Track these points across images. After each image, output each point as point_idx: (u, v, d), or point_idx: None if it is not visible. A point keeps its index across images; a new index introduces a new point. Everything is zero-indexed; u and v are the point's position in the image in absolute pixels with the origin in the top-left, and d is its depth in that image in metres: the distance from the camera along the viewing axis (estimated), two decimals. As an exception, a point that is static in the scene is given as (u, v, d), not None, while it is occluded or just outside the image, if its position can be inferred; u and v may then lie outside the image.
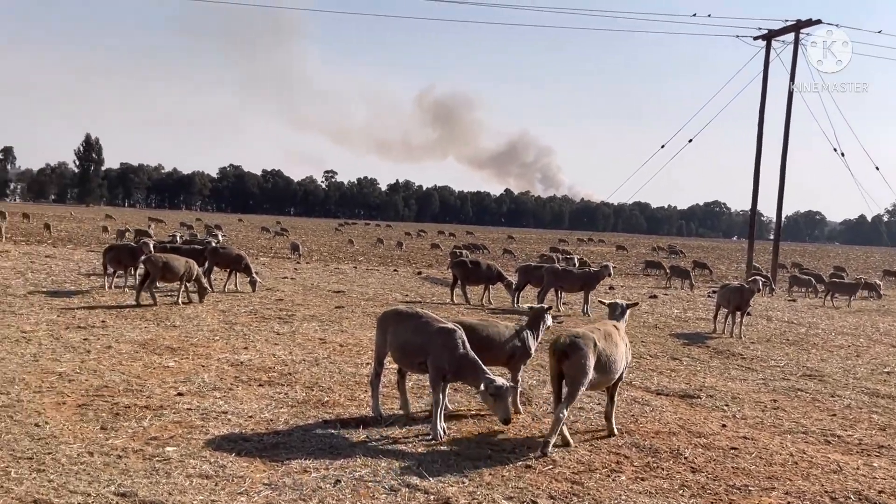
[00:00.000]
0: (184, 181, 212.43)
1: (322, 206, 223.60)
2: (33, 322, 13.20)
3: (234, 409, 8.40)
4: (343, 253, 46.70)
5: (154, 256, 16.70)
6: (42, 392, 8.71)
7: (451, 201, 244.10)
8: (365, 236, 78.99)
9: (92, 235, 48.33)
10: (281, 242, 53.82)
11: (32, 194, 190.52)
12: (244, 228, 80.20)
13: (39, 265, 23.26)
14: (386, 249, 54.99)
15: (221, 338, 12.80)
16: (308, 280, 24.53)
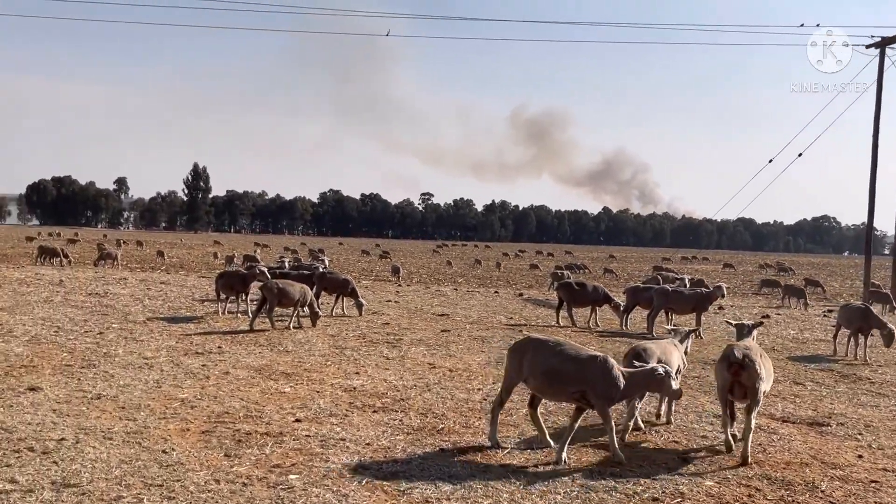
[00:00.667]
0: (286, 206, 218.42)
1: (419, 227, 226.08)
2: (154, 348, 13.68)
3: (351, 437, 8.45)
4: (442, 275, 46.91)
5: (271, 283, 17.13)
6: (167, 418, 8.97)
7: (547, 220, 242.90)
8: (462, 257, 79.22)
9: (202, 261, 50.07)
10: (381, 265, 54.50)
11: (144, 222, 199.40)
12: (344, 252, 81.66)
13: (155, 292, 24.18)
14: (485, 270, 54.96)
15: (333, 363, 12.96)
16: (411, 303, 24.70)
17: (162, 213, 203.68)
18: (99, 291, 23.23)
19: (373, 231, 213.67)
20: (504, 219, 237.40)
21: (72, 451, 7.53)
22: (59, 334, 14.78)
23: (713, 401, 10.65)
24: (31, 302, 19.81)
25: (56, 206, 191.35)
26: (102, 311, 18.67)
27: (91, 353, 12.97)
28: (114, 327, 16.01)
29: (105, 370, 11.56)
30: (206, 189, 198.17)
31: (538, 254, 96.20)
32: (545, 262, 69.98)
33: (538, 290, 36.30)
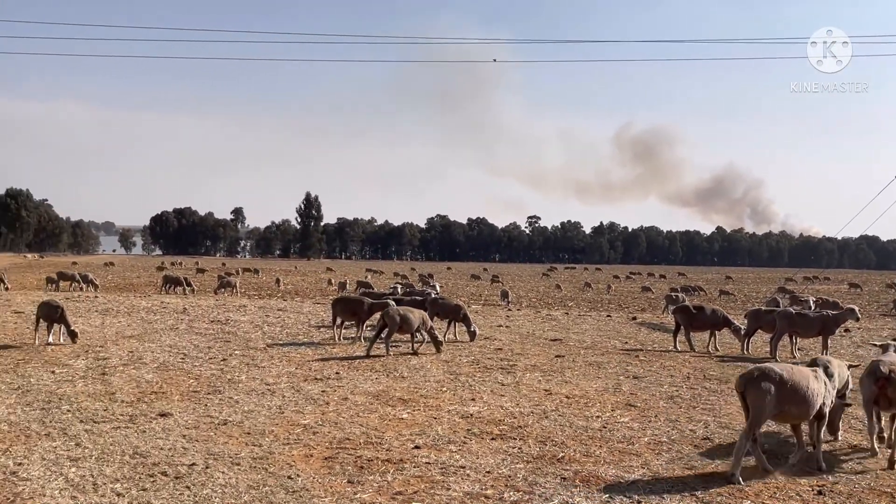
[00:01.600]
0: (394, 232, 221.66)
1: (526, 251, 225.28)
2: (275, 374, 14.04)
3: (471, 464, 8.40)
4: (552, 298, 46.53)
5: (392, 310, 17.41)
6: (290, 444, 9.16)
7: (658, 242, 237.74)
8: (571, 280, 78.45)
9: (316, 288, 51.31)
10: (490, 290, 54.51)
11: (260, 250, 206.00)
12: (452, 276, 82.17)
13: (274, 318, 24.88)
14: (595, 294, 54.23)
15: (448, 389, 12.97)
16: (522, 328, 24.54)
17: (276, 241, 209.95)
18: (220, 319, 24.08)
19: (480, 255, 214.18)
20: (613, 241, 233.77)
21: (202, 476, 7.77)
22: (186, 361, 15.37)
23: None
24: (158, 329, 20.70)
25: (178, 236, 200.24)
26: (225, 337, 19.32)
27: (216, 379, 13.42)
28: (236, 354, 16.54)
29: (230, 396, 11.93)
30: (317, 217, 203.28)
31: (650, 276, 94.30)
32: (657, 285, 68.49)
33: (652, 313, 35.50)
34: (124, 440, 9.15)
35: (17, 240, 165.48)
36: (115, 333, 19.63)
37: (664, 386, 13.73)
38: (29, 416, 10.35)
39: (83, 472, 7.86)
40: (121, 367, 14.39)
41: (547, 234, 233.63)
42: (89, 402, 11.27)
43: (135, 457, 8.46)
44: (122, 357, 15.67)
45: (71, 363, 14.83)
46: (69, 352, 16.21)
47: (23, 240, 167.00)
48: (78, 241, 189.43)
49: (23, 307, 25.56)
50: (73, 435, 9.38)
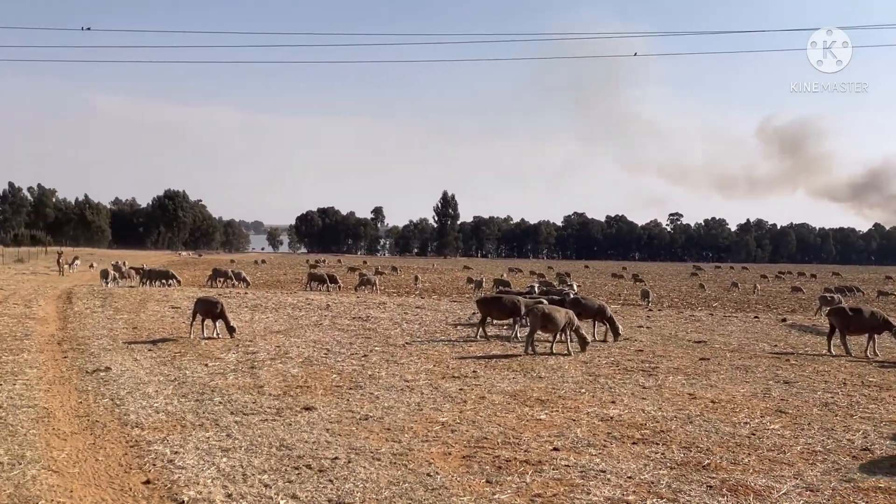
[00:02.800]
0: (530, 230, 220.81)
1: (668, 249, 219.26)
2: (413, 371, 14.23)
3: (611, 469, 8.20)
4: (695, 298, 45.10)
5: (537, 308, 17.40)
6: (429, 441, 9.23)
7: (809, 239, 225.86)
8: (716, 280, 75.76)
9: (452, 286, 51.79)
10: (630, 289, 53.39)
11: (398, 248, 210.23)
12: (590, 275, 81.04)
13: (412, 316, 25.27)
14: (741, 294, 52.12)
15: (587, 391, 12.74)
16: (664, 329, 23.87)
17: (414, 240, 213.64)
18: (361, 316, 24.67)
19: (618, 254, 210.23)
20: (760, 238, 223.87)
21: (344, 471, 7.94)
22: (329, 356, 15.82)
23: None
24: (303, 325, 21.43)
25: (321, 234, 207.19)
26: (365, 334, 19.78)
27: (357, 374, 13.73)
28: (376, 350, 16.88)
29: (370, 392, 12.17)
30: (454, 215, 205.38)
31: (800, 275, 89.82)
32: (808, 285, 65.15)
33: (803, 314, 33.78)
34: (271, 432, 9.49)
35: (174, 238, 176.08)
36: (263, 328, 20.46)
37: (818, 392, 12.97)
38: (184, 407, 10.91)
39: (233, 463, 8.19)
40: (268, 362, 14.97)
41: (689, 232, 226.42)
42: (239, 395, 11.77)
43: (281, 449, 8.75)
44: (270, 351, 16.30)
45: (223, 357, 15.55)
46: (221, 346, 17.01)
47: (179, 238, 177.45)
48: (229, 240, 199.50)
49: (179, 302, 27.07)
50: (225, 426, 9.81)
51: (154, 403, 11.10)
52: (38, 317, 22.34)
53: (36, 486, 7.37)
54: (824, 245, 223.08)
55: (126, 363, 14.57)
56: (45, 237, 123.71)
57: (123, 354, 15.66)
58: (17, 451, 8.47)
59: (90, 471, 7.98)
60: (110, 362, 14.54)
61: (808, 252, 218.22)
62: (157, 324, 21.13)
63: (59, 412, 10.58)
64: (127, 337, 18.35)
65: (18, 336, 17.89)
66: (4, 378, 12.76)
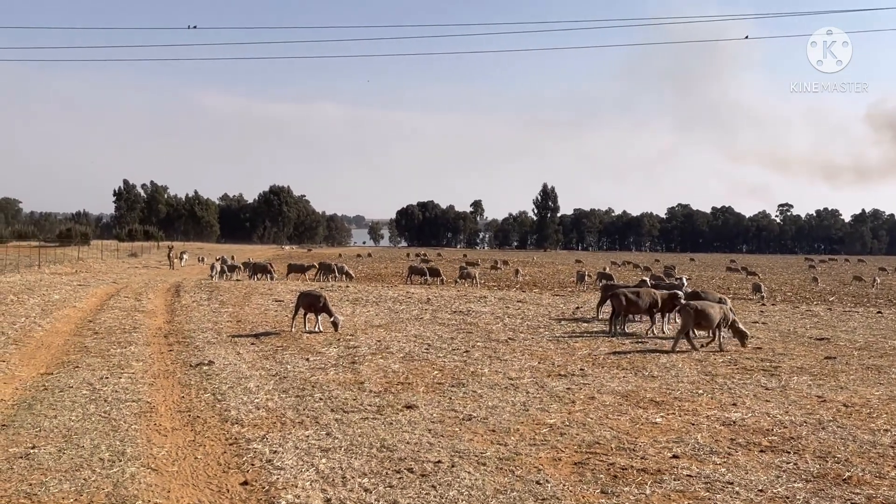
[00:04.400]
0: (632, 223, 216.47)
1: (777, 241, 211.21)
2: (517, 368, 13.69)
3: (739, 480, 7.47)
4: (809, 292, 42.91)
5: (690, 304, 16.87)
6: (537, 445, 8.69)
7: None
8: (830, 273, 72.24)
9: (554, 280, 50.88)
10: (739, 282, 51.31)
11: (497, 242, 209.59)
12: (696, 268, 78.51)
13: (514, 310, 24.70)
14: (858, 287, 49.33)
15: (705, 391, 11.91)
16: (780, 324, 22.52)
17: (513, 233, 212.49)
18: (462, 310, 24.27)
19: (724, 246, 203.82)
20: (877, 229, 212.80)
21: (448, 476, 7.50)
22: (430, 352, 15.45)
23: None
24: (404, 319, 21.18)
25: (421, 228, 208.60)
26: (467, 328, 19.35)
27: (459, 371, 13.30)
28: (478, 345, 16.43)
29: (473, 390, 11.71)
30: (554, 208, 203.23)
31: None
32: (934, 278, 61.25)
33: (932, 310, 31.51)
34: (372, 432, 9.14)
35: (279, 233, 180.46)
36: (364, 322, 20.31)
37: (967, 397, 11.77)
38: (285, 403, 10.70)
39: (333, 464, 7.86)
40: (369, 356, 14.72)
41: (800, 223, 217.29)
42: (339, 391, 11.50)
43: (382, 450, 8.38)
44: (371, 346, 16.06)
45: (324, 351, 15.39)
46: (322, 340, 16.89)
47: (284, 233, 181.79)
48: (332, 234, 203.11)
49: (283, 296, 27.30)
50: (325, 424, 9.52)
51: (255, 399, 10.94)
52: (147, 310, 22.84)
53: (134, 485, 7.20)
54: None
55: (229, 357, 14.57)
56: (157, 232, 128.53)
57: (227, 348, 15.71)
58: (118, 448, 8.37)
59: (188, 469, 7.79)
60: (214, 356, 14.57)
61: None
62: (260, 317, 21.27)
63: (161, 407, 10.54)
64: (231, 330, 18.48)
65: (127, 329, 18.24)
66: (112, 371, 12.90)
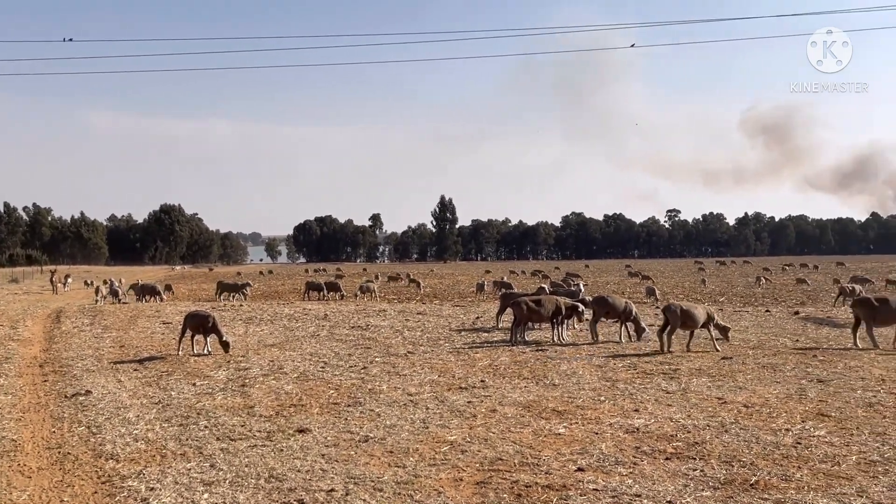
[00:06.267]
0: (529, 232, 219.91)
1: (667, 245, 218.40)
2: (417, 383, 13.20)
3: (647, 491, 7.17)
4: (699, 294, 44.07)
5: (674, 305, 17.20)
6: (437, 465, 8.20)
7: (807, 231, 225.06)
8: (717, 275, 74.82)
9: (454, 290, 50.75)
10: (633, 286, 52.39)
11: (398, 255, 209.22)
12: (592, 274, 80.00)
13: (413, 322, 24.24)
14: (744, 288, 51.09)
15: (607, 398, 11.70)
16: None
17: (413, 245, 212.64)
18: (361, 324, 23.64)
19: (617, 252, 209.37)
20: (759, 232, 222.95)
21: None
22: (326, 370, 14.80)
23: None
24: (300, 337, 20.41)
25: (320, 243, 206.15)
26: (365, 344, 18.76)
27: (357, 389, 12.71)
28: (377, 361, 15.87)
29: (371, 408, 11.15)
30: (452, 219, 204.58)
31: (803, 267, 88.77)
32: (812, 276, 64.12)
33: (813, 306, 32.75)
34: (260, 461, 8.46)
35: (171, 253, 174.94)
36: (257, 342, 19.44)
37: (857, 391, 11.93)
38: (167, 434, 9.89)
39: (215, 500, 7.18)
40: (261, 378, 13.95)
41: (688, 228, 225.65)
42: (227, 417, 10.75)
43: (270, 480, 7.73)
44: (263, 367, 15.28)
45: (212, 374, 14.53)
46: (211, 363, 15.99)
47: (177, 253, 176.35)
48: (227, 253, 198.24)
49: (171, 318, 26.02)
50: (209, 454, 8.78)
51: (134, 430, 10.07)
52: (23, 338, 21.31)
53: (-17, 540, 6.35)
54: (823, 236, 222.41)
55: (108, 385, 13.54)
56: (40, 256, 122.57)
57: (107, 376, 14.64)
58: (-32, 496, 7.44)
59: (50, 516, 6.96)
60: (92, 385, 13.52)
61: (806, 244, 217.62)
62: (145, 341, 20.09)
63: (28, 444, 9.57)
64: (113, 356, 17.32)
65: (-3, 360, 16.85)
66: (-28, 408, 11.73)
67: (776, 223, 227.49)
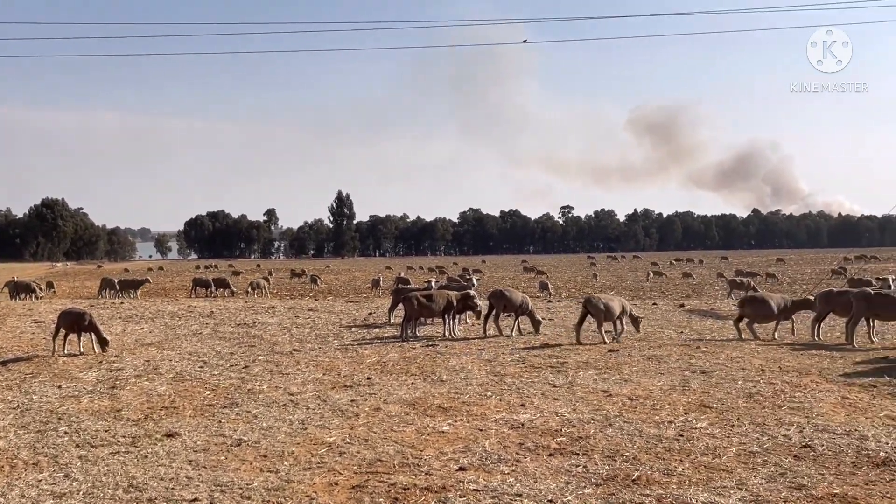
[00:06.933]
0: (427, 228, 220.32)
1: (560, 241, 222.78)
2: (300, 382, 12.68)
3: (529, 490, 6.93)
4: (591, 288, 44.86)
5: (594, 297, 17.58)
6: (312, 468, 7.76)
7: (694, 227, 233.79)
8: (609, 269, 76.57)
9: (350, 286, 50.11)
10: (527, 280, 52.93)
11: (294, 250, 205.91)
12: (488, 269, 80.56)
13: (303, 319, 23.60)
14: (634, 282, 52.38)
15: (494, 393, 11.48)
16: (566, 320, 22.95)
17: (310, 241, 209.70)
18: (248, 322, 22.85)
19: (514, 248, 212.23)
20: (648, 228, 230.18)
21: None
22: (204, 370, 14.09)
23: None
24: (181, 335, 19.51)
25: (212, 239, 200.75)
26: (249, 342, 18.07)
27: (235, 389, 12.10)
28: (259, 360, 15.24)
29: (248, 410, 10.58)
30: (350, 215, 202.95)
31: (688, 261, 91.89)
32: (698, 271, 66.34)
33: (699, 300, 33.71)
34: (121, 469, 7.82)
35: (54, 249, 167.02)
36: (133, 341, 18.46)
37: (738, 381, 12.10)
38: (21, 441, 9.09)
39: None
40: (133, 379, 13.14)
41: (581, 224, 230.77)
42: (91, 422, 9.99)
43: (129, 490, 7.13)
44: (137, 367, 14.44)
45: (81, 376, 13.62)
46: (82, 363, 15.02)
47: (60, 249, 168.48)
48: (114, 249, 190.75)
49: (44, 316, 24.55)
50: (65, 463, 8.08)
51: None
52: None
53: None
54: (708, 232, 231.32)
55: (-38, 391, 12.47)
56: None
57: (-39, 380, 13.51)
58: None
59: None
60: (-57, 390, 12.42)
61: (693, 239, 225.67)
62: (12, 341, 18.79)
63: None
64: (-28, 359, 16.07)
65: None
66: None
67: (664, 219, 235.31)
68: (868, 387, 11.64)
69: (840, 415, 9.75)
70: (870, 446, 8.14)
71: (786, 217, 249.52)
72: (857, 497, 6.57)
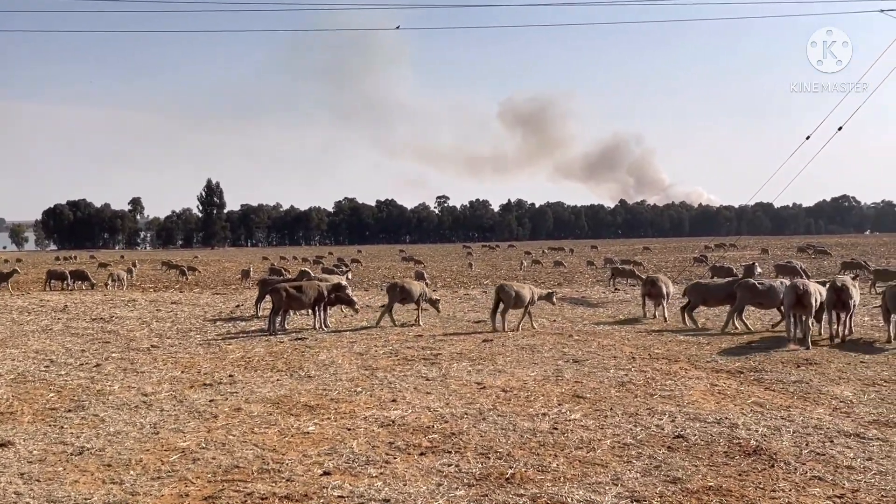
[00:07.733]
0: (301, 217, 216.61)
1: (436, 230, 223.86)
2: (155, 381, 11.80)
3: (397, 495, 6.49)
4: (466, 277, 44.94)
5: (506, 285, 17.91)
6: (162, 478, 7.06)
7: (564, 217, 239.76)
8: (484, 258, 77.23)
9: (218, 278, 48.34)
10: (403, 270, 52.58)
11: (161, 241, 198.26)
12: (363, 259, 79.78)
13: (165, 313, 22.37)
14: (509, 271, 52.92)
15: (364, 389, 10.99)
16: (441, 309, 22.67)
17: (178, 231, 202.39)
18: (104, 316, 21.45)
19: (390, 237, 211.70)
20: (521, 217, 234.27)
21: (29, 541, 5.65)
22: (50, 369, 12.95)
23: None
24: (28, 332, 18.05)
25: (73, 229, 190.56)
26: (104, 338, 16.88)
27: (82, 390, 11.12)
28: (113, 357, 14.18)
29: (95, 413, 9.68)
30: (220, 204, 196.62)
31: (559, 251, 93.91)
32: (568, 259, 67.78)
33: (570, 287, 34.25)
34: (-63, 488, 6.90)
35: None
36: (-28, 340, 16.91)
37: (610, 370, 12.09)
38: None
39: None
40: (-35, 383, 11.90)
41: (456, 214, 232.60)
42: None
43: (-56, 513, 6.26)
44: (-28, 369, 13.13)
45: None
46: None
47: None
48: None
49: None
50: None
51: None
52: None
53: None
54: (577, 222, 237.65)
55: None
56: None
57: None
58: None
59: None
60: None
61: (563, 228, 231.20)
62: None
63: None
64: None
65: None
66: None
67: (536, 209, 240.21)
68: (735, 373, 11.86)
69: (710, 402, 9.81)
70: (741, 434, 8.16)
71: (650, 207, 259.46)
72: (731, 489, 6.47)
